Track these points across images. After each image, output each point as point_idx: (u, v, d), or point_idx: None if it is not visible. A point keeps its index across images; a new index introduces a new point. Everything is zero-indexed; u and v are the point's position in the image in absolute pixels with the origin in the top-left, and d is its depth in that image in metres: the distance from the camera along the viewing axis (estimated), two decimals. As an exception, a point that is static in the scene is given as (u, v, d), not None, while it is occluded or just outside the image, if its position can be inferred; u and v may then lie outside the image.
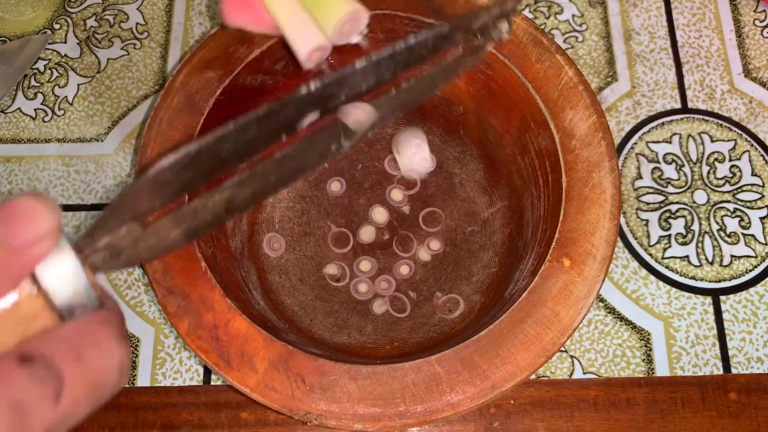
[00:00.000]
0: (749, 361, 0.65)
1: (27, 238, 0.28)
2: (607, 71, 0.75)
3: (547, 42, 0.55)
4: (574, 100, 0.54)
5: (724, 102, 0.73)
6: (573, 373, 0.64)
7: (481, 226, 0.66)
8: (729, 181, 0.70)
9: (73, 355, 0.29)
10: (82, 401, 0.29)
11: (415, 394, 0.46)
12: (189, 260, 0.50)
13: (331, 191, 0.69)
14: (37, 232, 0.28)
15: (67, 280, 0.30)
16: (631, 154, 0.72)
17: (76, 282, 0.30)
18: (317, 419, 0.46)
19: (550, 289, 0.49)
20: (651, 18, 0.77)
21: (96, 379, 0.30)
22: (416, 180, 0.69)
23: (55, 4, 0.80)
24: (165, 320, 0.67)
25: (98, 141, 0.73)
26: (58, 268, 0.30)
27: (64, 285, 0.30)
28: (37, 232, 0.28)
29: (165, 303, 0.49)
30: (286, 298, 0.64)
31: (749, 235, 0.69)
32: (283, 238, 0.67)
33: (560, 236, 0.50)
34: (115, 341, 0.31)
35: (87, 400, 0.29)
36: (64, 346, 0.29)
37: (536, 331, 0.48)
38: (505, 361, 0.47)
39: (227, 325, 0.48)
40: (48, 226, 0.28)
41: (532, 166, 0.58)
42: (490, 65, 0.57)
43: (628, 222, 0.69)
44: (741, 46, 0.76)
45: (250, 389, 0.47)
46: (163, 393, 0.65)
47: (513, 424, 0.63)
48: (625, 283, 0.67)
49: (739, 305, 0.66)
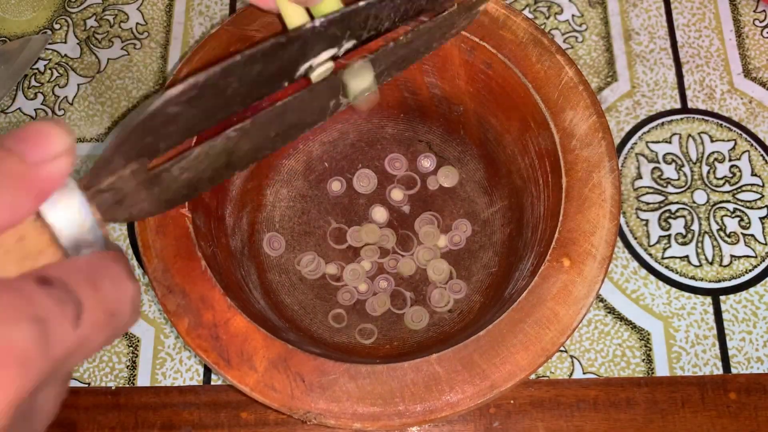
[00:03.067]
0: (749, 361, 0.65)
1: (44, 154, 0.29)
2: (607, 71, 0.75)
3: (548, 42, 0.55)
4: (574, 100, 0.54)
5: (723, 102, 0.73)
6: (573, 373, 0.64)
7: (481, 226, 0.66)
8: (729, 181, 0.70)
9: (89, 283, 0.29)
10: (99, 329, 0.30)
11: (414, 393, 0.46)
12: (189, 259, 0.50)
13: (332, 191, 0.69)
14: (53, 149, 0.29)
15: (74, 217, 0.30)
16: (630, 154, 0.72)
17: (82, 219, 0.30)
18: (317, 418, 0.46)
19: (550, 289, 0.49)
20: (651, 18, 0.77)
21: (112, 308, 0.30)
22: (417, 179, 0.69)
23: (55, 4, 0.80)
24: (165, 320, 0.67)
25: (98, 141, 0.74)
26: (65, 205, 0.30)
27: (70, 222, 0.30)
28: (54, 149, 0.29)
29: (165, 302, 0.49)
30: (286, 297, 0.64)
31: (749, 235, 0.69)
32: (283, 237, 0.67)
33: (560, 236, 0.50)
34: (126, 276, 0.31)
35: (104, 330, 0.30)
36: (81, 274, 0.30)
37: (536, 330, 0.48)
38: (504, 361, 0.47)
39: (227, 324, 0.48)
40: (64, 144, 0.29)
41: (532, 166, 0.58)
42: (491, 65, 0.57)
43: (628, 222, 0.69)
44: (741, 46, 0.76)
45: (250, 388, 0.47)
46: (163, 393, 0.65)
47: (513, 423, 0.63)
48: (625, 283, 0.67)
49: (739, 305, 0.66)
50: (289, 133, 0.40)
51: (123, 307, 0.31)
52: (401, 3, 0.42)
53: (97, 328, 0.29)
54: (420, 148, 0.69)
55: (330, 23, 0.39)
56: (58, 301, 0.28)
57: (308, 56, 0.39)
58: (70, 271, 0.29)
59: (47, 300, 0.27)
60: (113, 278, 0.31)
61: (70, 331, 0.28)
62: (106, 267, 0.31)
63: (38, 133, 0.29)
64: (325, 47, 0.39)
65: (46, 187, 0.29)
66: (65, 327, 0.28)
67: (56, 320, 0.27)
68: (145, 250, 0.51)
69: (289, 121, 0.39)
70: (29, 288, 0.27)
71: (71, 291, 0.28)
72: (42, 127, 0.29)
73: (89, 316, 0.29)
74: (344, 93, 0.41)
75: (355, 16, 0.40)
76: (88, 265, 0.30)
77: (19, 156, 0.28)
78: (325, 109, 0.41)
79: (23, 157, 0.28)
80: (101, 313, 0.29)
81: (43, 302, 0.27)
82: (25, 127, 0.29)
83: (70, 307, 0.28)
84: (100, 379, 0.65)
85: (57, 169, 0.29)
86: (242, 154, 0.38)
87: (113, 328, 0.30)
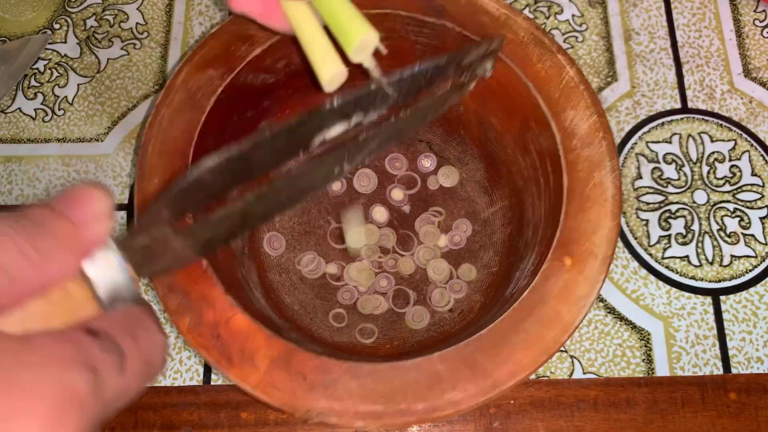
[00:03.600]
0: (749, 361, 0.65)
1: (88, 214, 0.32)
2: (607, 71, 0.75)
3: (549, 42, 0.56)
4: (575, 100, 0.54)
5: (724, 102, 0.74)
6: (573, 373, 0.64)
7: (481, 226, 0.66)
8: (729, 181, 0.70)
9: (129, 334, 0.32)
10: (138, 376, 0.32)
11: (416, 392, 0.46)
12: (190, 259, 0.50)
13: (332, 190, 0.69)
14: (96, 210, 0.32)
15: (112, 273, 0.33)
16: (631, 154, 0.72)
17: (119, 276, 0.33)
18: (318, 417, 0.46)
19: (552, 288, 0.49)
20: (651, 18, 0.78)
21: (148, 357, 0.33)
22: (417, 179, 0.69)
23: (55, 4, 0.80)
24: (165, 320, 0.67)
25: (98, 141, 0.73)
26: (104, 262, 0.33)
27: (108, 278, 0.33)
28: (97, 211, 0.32)
29: (166, 300, 0.49)
30: (287, 296, 0.64)
31: (749, 235, 0.69)
32: (284, 237, 0.67)
33: (561, 235, 0.50)
34: (157, 327, 0.35)
35: (142, 376, 0.32)
36: (122, 326, 0.32)
37: (537, 329, 0.48)
38: (506, 360, 0.47)
39: (228, 323, 0.48)
40: (106, 206, 0.32)
41: (533, 165, 0.58)
42: (491, 65, 0.57)
43: (628, 222, 0.69)
44: (741, 46, 0.76)
45: (252, 387, 0.47)
46: (163, 393, 0.65)
47: (513, 423, 0.63)
48: (625, 283, 0.67)
49: (739, 305, 0.66)
50: (298, 196, 0.44)
51: (156, 356, 0.34)
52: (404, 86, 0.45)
53: (136, 375, 0.32)
54: (420, 147, 0.69)
55: (345, 103, 0.43)
56: (105, 350, 0.30)
57: (323, 130, 0.43)
58: (112, 323, 0.32)
59: (97, 349, 0.30)
60: (148, 330, 0.34)
61: (117, 378, 0.30)
62: (142, 320, 0.34)
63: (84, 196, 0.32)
64: (337, 121, 0.43)
65: (90, 246, 0.32)
66: (114, 373, 0.30)
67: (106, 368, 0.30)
68: (146, 249, 0.51)
69: (299, 185, 0.43)
70: (82, 338, 0.30)
71: (115, 342, 0.31)
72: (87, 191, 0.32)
73: (130, 365, 0.31)
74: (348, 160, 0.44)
75: (366, 96, 0.44)
76: (126, 317, 0.33)
77: (67, 218, 0.31)
78: (330, 175, 0.45)
79: (71, 218, 0.31)
80: (140, 362, 0.32)
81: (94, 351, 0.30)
82: (73, 190, 0.32)
83: (115, 356, 0.31)
84: (100, 378, 0.65)
85: (100, 230, 0.32)
86: (256, 215, 0.41)
87: (148, 376, 0.33)
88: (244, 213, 0.39)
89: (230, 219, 0.39)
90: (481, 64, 0.51)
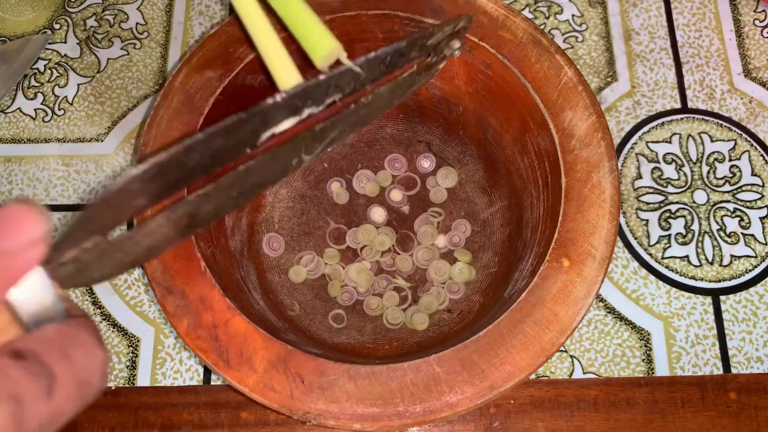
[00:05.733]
0: (749, 361, 0.65)
1: (20, 242, 0.28)
2: (607, 71, 0.75)
3: (547, 42, 0.55)
4: (573, 101, 0.54)
5: (724, 102, 0.73)
6: (573, 372, 0.64)
7: (480, 227, 0.66)
8: (729, 181, 0.70)
9: (60, 353, 0.29)
10: (71, 399, 0.29)
11: (414, 394, 0.46)
12: (188, 260, 0.50)
13: (331, 191, 0.69)
14: (29, 237, 0.28)
15: (36, 294, 0.30)
16: (630, 154, 0.72)
17: (44, 296, 0.30)
18: (316, 419, 0.46)
19: (549, 289, 0.49)
20: (651, 18, 0.77)
21: (83, 377, 0.30)
22: (416, 180, 0.69)
23: (55, 4, 0.80)
24: (165, 320, 0.67)
25: (98, 141, 0.73)
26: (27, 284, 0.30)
27: (32, 299, 0.30)
28: (30, 237, 0.28)
29: (164, 302, 0.49)
30: (286, 297, 0.64)
31: (749, 235, 0.69)
32: (283, 238, 0.67)
33: (559, 236, 0.50)
34: (96, 343, 0.31)
35: (75, 399, 0.30)
36: (52, 345, 0.29)
37: (535, 331, 0.48)
38: (504, 362, 0.47)
39: (226, 325, 0.48)
40: (39, 231, 0.29)
41: (532, 166, 0.58)
42: (490, 65, 0.57)
43: (628, 222, 0.69)
44: (741, 46, 0.76)
45: (249, 389, 0.47)
46: (163, 393, 0.65)
47: (513, 423, 0.63)
48: (625, 282, 0.67)
49: (739, 305, 0.66)
50: (252, 191, 0.41)
51: (93, 376, 0.31)
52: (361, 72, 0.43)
53: (69, 398, 0.29)
54: (419, 148, 0.69)
55: (291, 96, 0.40)
56: (31, 374, 0.28)
57: (270, 126, 0.40)
58: (41, 342, 0.29)
59: (21, 375, 0.27)
60: (83, 346, 0.31)
61: (45, 404, 0.28)
62: (76, 336, 0.31)
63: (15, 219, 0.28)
64: (286, 116, 0.41)
65: (17, 275, 0.29)
66: (40, 400, 0.28)
67: (30, 395, 0.27)
68: (144, 250, 0.51)
69: (251, 181, 0.40)
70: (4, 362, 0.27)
71: (44, 363, 0.28)
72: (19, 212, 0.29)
73: (61, 388, 0.29)
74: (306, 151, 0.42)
75: (316, 88, 0.41)
76: (58, 334, 0.30)
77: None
78: (287, 168, 0.43)
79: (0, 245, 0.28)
80: (72, 383, 0.29)
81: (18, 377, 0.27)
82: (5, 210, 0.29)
83: (43, 380, 0.28)
84: (100, 379, 0.65)
85: (30, 257, 0.29)
86: (204, 215, 0.38)
87: (83, 397, 0.30)
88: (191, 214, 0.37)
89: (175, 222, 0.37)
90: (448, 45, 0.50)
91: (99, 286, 0.68)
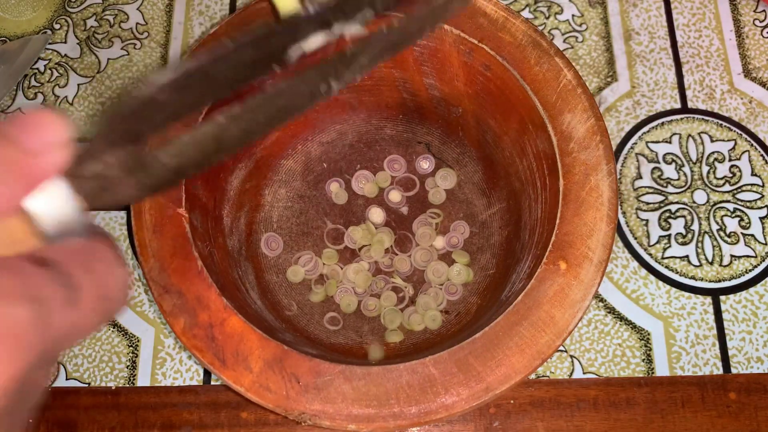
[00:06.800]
0: (749, 361, 0.65)
1: (42, 142, 0.28)
2: (607, 71, 0.75)
3: (546, 44, 0.55)
4: (572, 103, 0.54)
5: (723, 102, 0.73)
6: (573, 372, 0.64)
7: (479, 228, 0.66)
8: (729, 181, 0.70)
9: (83, 266, 0.29)
10: (95, 312, 0.29)
11: (409, 395, 0.46)
12: (185, 259, 0.50)
13: (330, 191, 0.69)
14: (51, 138, 0.29)
15: (57, 205, 0.30)
16: (630, 154, 0.72)
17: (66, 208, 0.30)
18: (311, 419, 0.46)
19: (546, 291, 0.49)
20: (651, 18, 0.77)
21: (105, 292, 0.30)
22: (415, 181, 0.69)
23: (55, 4, 0.80)
24: (163, 323, 0.67)
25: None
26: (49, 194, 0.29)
27: (53, 211, 0.30)
28: (52, 139, 0.29)
29: (161, 301, 0.49)
30: (283, 297, 0.64)
31: (749, 235, 0.68)
32: (281, 237, 0.67)
33: (557, 239, 0.50)
34: (118, 261, 0.31)
35: (98, 313, 0.30)
36: (75, 257, 0.29)
37: (531, 333, 0.48)
38: (499, 364, 0.47)
39: (223, 325, 0.48)
40: (62, 135, 0.29)
41: (530, 168, 0.58)
42: (489, 67, 0.57)
43: (628, 222, 0.69)
44: (741, 46, 0.76)
45: (245, 389, 0.47)
46: (163, 393, 0.65)
47: (513, 423, 0.63)
48: (624, 282, 0.67)
49: (739, 305, 0.66)
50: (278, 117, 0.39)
51: (115, 291, 0.31)
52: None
53: (91, 310, 0.29)
54: (418, 149, 0.69)
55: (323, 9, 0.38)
56: (54, 281, 0.27)
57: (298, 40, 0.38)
58: (64, 253, 0.29)
59: (44, 280, 0.27)
60: (105, 262, 0.31)
61: (66, 312, 0.28)
62: (99, 251, 0.31)
63: (38, 122, 0.29)
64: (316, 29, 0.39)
65: (38, 177, 0.29)
66: (62, 307, 0.27)
67: (54, 300, 0.27)
68: (141, 249, 0.51)
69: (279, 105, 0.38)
70: (26, 268, 0.27)
71: (66, 273, 0.28)
72: (42, 117, 0.29)
73: (84, 298, 0.29)
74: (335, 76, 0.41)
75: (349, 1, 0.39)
76: (81, 248, 0.30)
77: (16, 144, 0.28)
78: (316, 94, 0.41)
79: (20, 145, 0.28)
80: (96, 296, 0.29)
81: (41, 282, 0.27)
82: (27, 114, 0.29)
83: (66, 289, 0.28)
84: (100, 379, 0.65)
85: (52, 161, 0.29)
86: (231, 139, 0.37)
87: (105, 312, 0.30)
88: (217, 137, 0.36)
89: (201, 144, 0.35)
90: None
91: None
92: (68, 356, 0.66)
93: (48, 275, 0.27)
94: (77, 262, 0.29)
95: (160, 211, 0.52)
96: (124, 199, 0.33)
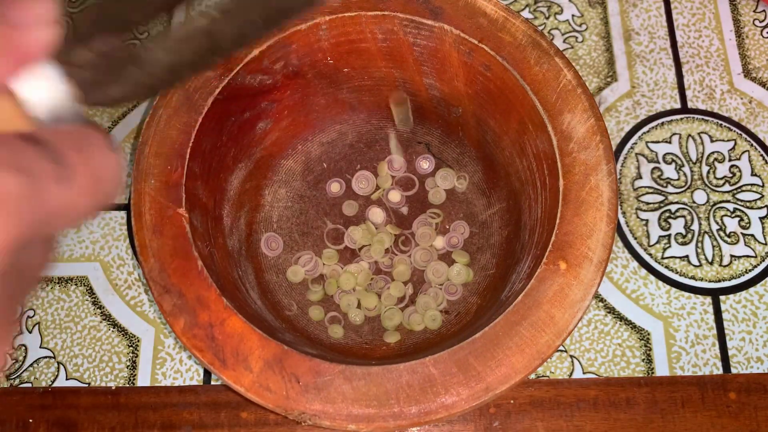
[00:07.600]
0: (749, 361, 0.65)
1: (28, 15, 0.27)
2: (607, 71, 0.75)
3: (546, 44, 0.55)
4: (572, 103, 0.54)
5: (723, 102, 0.73)
6: (573, 372, 0.64)
7: (479, 228, 0.66)
8: (729, 181, 0.70)
9: (76, 146, 0.28)
10: (87, 193, 0.29)
11: (409, 395, 0.46)
12: (185, 259, 0.50)
13: (330, 192, 0.69)
14: (37, 14, 0.27)
15: (48, 88, 0.29)
16: (630, 154, 0.72)
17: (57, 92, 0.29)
18: (311, 419, 0.46)
19: (546, 291, 0.49)
20: (651, 18, 0.77)
21: (98, 173, 0.29)
22: (415, 181, 0.69)
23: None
24: (163, 322, 0.67)
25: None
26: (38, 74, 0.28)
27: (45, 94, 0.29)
28: (38, 14, 0.27)
29: (161, 301, 0.49)
30: (284, 297, 0.64)
31: (749, 235, 0.69)
32: (281, 237, 0.67)
33: (557, 239, 0.50)
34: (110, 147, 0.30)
35: (90, 194, 0.29)
36: (68, 138, 0.28)
37: (531, 333, 0.48)
38: (499, 364, 0.47)
39: (223, 325, 0.48)
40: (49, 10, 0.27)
41: (530, 168, 0.58)
42: (489, 67, 0.57)
43: (628, 222, 0.69)
44: (741, 46, 0.76)
45: (245, 389, 0.47)
46: (163, 393, 0.65)
47: (513, 423, 0.63)
48: (624, 282, 0.67)
49: (739, 305, 0.66)
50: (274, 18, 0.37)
51: (108, 174, 0.30)
52: None
53: (83, 191, 0.28)
54: (419, 149, 0.69)
55: None
56: (45, 158, 0.27)
57: None
58: (56, 134, 0.28)
59: (35, 154, 0.26)
60: (98, 146, 0.30)
61: (58, 188, 0.27)
62: (91, 136, 0.30)
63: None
64: None
65: (25, 53, 0.27)
66: (53, 183, 0.27)
67: (44, 174, 0.26)
68: (141, 249, 0.51)
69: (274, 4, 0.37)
70: (16, 142, 0.26)
71: (59, 151, 0.27)
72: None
73: (77, 177, 0.28)
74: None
75: None
76: (74, 131, 0.29)
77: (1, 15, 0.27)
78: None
79: (4, 17, 0.27)
80: (88, 176, 0.28)
81: (31, 156, 0.26)
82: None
83: (57, 165, 0.27)
84: (100, 379, 0.65)
85: (40, 36, 0.27)
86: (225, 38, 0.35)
87: (98, 194, 0.29)
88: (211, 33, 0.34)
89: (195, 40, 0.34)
90: None
91: (99, 286, 0.68)
92: (68, 356, 0.66)
93: (39, 151, 0.27)
94: (69, 142, 0.28)
95: (160, 211, 0.52)
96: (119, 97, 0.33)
